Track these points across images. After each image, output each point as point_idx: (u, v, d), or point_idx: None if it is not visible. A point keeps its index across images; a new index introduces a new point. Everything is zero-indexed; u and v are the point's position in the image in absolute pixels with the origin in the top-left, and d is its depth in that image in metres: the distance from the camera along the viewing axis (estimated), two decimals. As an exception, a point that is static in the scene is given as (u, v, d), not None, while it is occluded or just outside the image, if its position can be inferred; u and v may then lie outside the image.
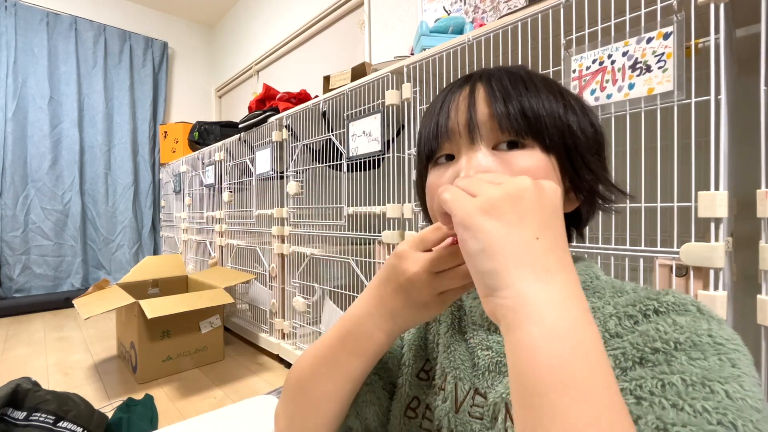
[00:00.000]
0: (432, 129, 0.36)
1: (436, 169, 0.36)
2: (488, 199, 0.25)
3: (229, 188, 2.15)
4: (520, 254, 0.23)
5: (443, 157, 0.36)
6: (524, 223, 0.24)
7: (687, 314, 0.28)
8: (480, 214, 0.24)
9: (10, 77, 2.83)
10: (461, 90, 0.35)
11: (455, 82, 0.38)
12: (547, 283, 0.23)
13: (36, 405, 1.03)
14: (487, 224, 0.24)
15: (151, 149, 3.47)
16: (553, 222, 0.25)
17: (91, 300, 1.63)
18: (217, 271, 2.15)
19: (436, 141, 0.36)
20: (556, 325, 0.21)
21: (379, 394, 0.40)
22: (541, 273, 0.23)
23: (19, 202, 2.85)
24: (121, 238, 3.29)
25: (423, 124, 0.38)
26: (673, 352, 0.26)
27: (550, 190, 0.26)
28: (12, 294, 2.80)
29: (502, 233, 0.24)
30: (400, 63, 1.17)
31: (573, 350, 0.21)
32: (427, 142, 0.37)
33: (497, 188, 0.25)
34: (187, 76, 3.82)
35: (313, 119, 1.59)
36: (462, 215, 0.25)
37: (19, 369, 1.71)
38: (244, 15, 3.38)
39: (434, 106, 0.37)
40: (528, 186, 0.25)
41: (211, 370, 1.71)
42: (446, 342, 0.39)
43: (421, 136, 0.38)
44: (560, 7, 0.83)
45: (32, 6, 2.94)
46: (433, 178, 0.36)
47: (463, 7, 1.63)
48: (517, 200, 0.24)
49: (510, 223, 0.24)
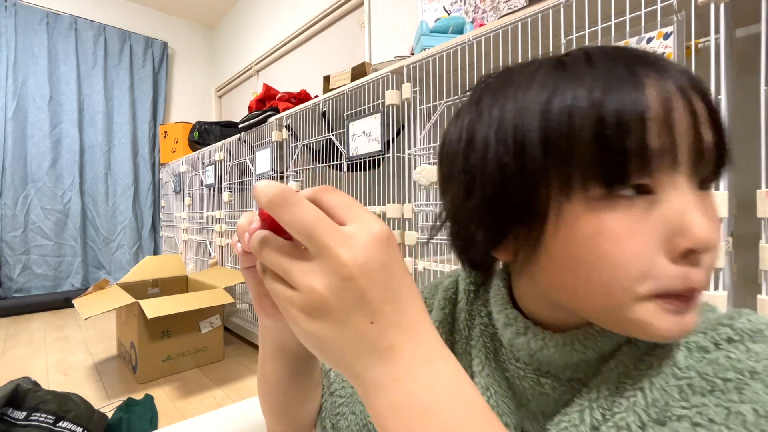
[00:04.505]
0: (614, 141, 0.22)
1: (614, 206, 0.23)
2: (308, 300, 0.21)
3: (229, 188, 2.15)
4: (357, 347, 0.21)
5: (630, 188, 0.23)
6: (354, 314, 0.21)
7: (764, 341, 0.24)
8: (304, 317, 0.21)
9: (10, 77, 2.83)
10: (665, 96, 0.23)
11: (615, 73, 0.23)
12: (390, 361, 0.21)
13: (36, 405, 1.03)
14: (314, 329, 0.21)
15: (151, 149, 3.47)
16: (387, 287, 0.21)
17: (91, 300, 1.63)
18: (217, 271, 2.15)
19: (625, 163, 0.22)
20: (402, 398, 0.21)
21: (355, 408, 0.38)
22: (384, 353, 0.21)
23: (19, 202, 2.85)
24: (121, 238, 3.28)
25: (566, 122, 0.23)
26: (747, 380, 0.23)
27: (381, 245, 0.21)
28: (12, 294, 2.80)
29: (334, 335, 0.21)
30: (400, 63, 1.17)
31: (422, 415, 0.20)
32: (606, 160, 0.23)
33: (317, 280, 0.21)
34: (187, 76, 3.82)
35: (313, 119, 1.59)
36: (284, 313, 0.23)
37: (19, 369, 1.71)
38: (244, 15, 3.38)
39: (594, 106, 0.23)
40: (353, 263, 0.20)
41: (211, 370, 1.71)
42: (485, 383, 0.33)
43: (574, 142, 0.23)
44: (560, 7, 0.83)
45: (32, 6, 2.94)
46: (618, 222, 0.23)
47: (463, 7, 1.63)
48: (342, 292, 0.21)
49: (339, 321, 0.21)
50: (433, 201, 1.08)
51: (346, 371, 0.22)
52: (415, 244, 1.12)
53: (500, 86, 0.28)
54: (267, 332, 0.34)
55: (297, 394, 0.37)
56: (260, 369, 0.37)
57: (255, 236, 0.23)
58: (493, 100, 0.27)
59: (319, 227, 0.21)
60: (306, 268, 0.21)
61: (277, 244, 0.23)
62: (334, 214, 0.22)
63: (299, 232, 0.21)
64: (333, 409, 0.38)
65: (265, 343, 0.35)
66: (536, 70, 0.26)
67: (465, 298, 0.38)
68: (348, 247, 0.20)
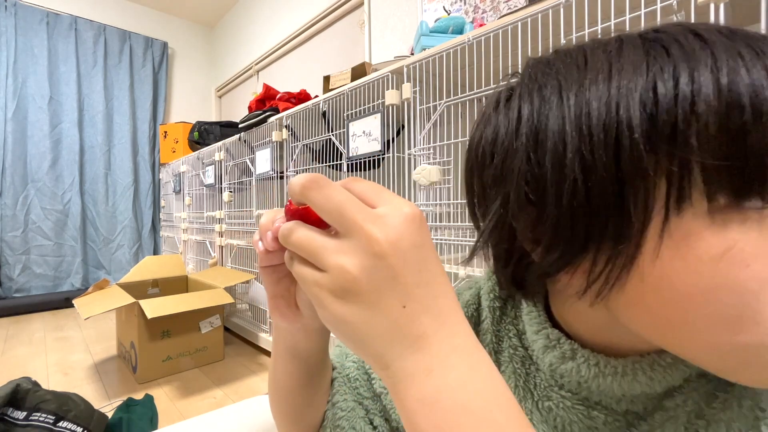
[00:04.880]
0: (755, 134, 0.18)
1: (744, 221, 0.19)
2: (339, 281, 0.20)
3: (229, 188, 2.15)
4: (389, 333, 0.20)
5: (760, 198, 0.19)
6: (386, 296, 0.20)
7: None
8: (333, 300, 0.20)
9: (10, 77, 2.83)
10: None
11: (741, 52, 0.19)
12: (423, 350, 0.20)
13: (36, 405, 1.03)
14: (344, 312, 0.20)
15: (151, 149, 3.47)
16: (420, 269, 0.20)
17: (91, 300, 1.63)
18: (217, 271, 2.15)
19: (765, 165, 0.18)
20: (435, 392, 0.19)
21: (355, 424, 0.36)
22: (416, 341, 0.20)
23: (19, 202, 2.85)
24: (121, 238, 3.28)
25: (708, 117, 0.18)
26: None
27: (413, 225, 0.20)
28: (12, 294, 2.80)
29: (365, 319, 0.20)
30: (400, 63, 1.17)
31: (455, 412, 0.19)
32: (742, 160, 0.18)
33: (348, 260, 0.20)
34: (187, 76, 3.82)
35: (313, 119, 1.59)
36: (312, 297, 0.21)
37: (19, 369, 1.70)
38: (244, 15, 3.38)
39: (725, 91, 0.18)
40: (385, 240, 0.19)
41: (211, 370, 1.70)
42: None
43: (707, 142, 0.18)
44: (560, 7, 0.82)
45: (32, 6, 2.94)
46: (752, 241, 0.18)
47: (463, 7, 1.63)
48: (374, 270, 0.19)
49: (370, 303, 0.20)
50: (432, 201, 1.08)
51: (376, 361, 0.21)
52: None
53: (568, 70, 0.23)
54: (280, 334, 0.33)
55: (307, 399, 0.36)
56: (271, 371, 0.36)
57: (283, 227, 0.23)
58: (564, 86, 0.22)
59: (350, 206, 0.20)
60: (336, 247, 0.20)
61: (306, 229, 0.22)
62: (364, 198, 0.21)
63: (330, 212, 0.21)
64: (334, 421, 0.37)
65: (277, 345, 0.34)
66: (618, 49, 0.22)
67: (490, 316, 0.34)
68: (380, 225, 0.20)
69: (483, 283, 0.36)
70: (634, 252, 0.20)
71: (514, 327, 0.33)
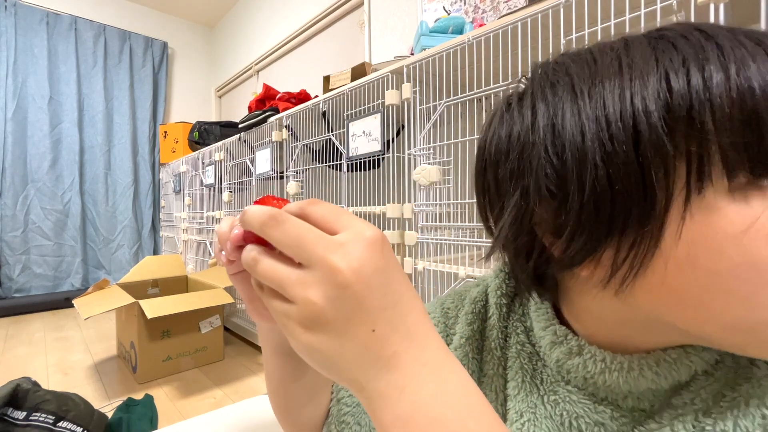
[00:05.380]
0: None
1: (764, 197, 0.19)
2: (306, 312, 0.20)
3: (229, 188, 2.15)
4: (360, 358, 0.20)
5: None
6: (354, 323, 0.20)
7: None
8: (302, 331, 0.20)
9: (10, 77, 2.83)
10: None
11: (744, 45, 0.20)
12: (395, 369, 0.20)
13: (36, 405, 1.03)
14: (314, 342, 0.20)
15: (151, 149, 3.47)
16: (386, 291, 0.20)
17: (91, 300, 1.63)
18: (217, 271, 2.15)
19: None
20: (409, 409, 0.20)
21: (361, 419, 0.36)
22: (388, 362, 0.20)
23: (19, 202, 2.85)
24: (121, 238, 3.28)
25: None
26: None
27: (375, 249, 0.20)
28: (12, 294, 2.80)
29: (335, 346, 0.20)
30: (400, 63, 1.17)
31: (429, 427, 0.19)
32: (758, 138, 0.19)
33: (312, 291, 0.20)
34: (187, 76, 3.82)
35: (313, 119, 1.59)
36: (282, 327, 0.22)
37: (19, 369, 1.70)
38: (244, 15, 3.38)
39: (734, 78, 0.19)
40: (347, 268, 0.19)
41: (211, 370, 1.70)
42: (519, 409, 0.30)
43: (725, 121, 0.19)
44: (560, 7, 0.82)
45: (32, 6, 2.94)
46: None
47: (463, 7, 1.63)
48: (339, 300, 0.20)
49: (339, 332, 0.20)
50: (432, 201, 1.08)
51: (351, 384, 0.21)
52: (415, 244, 1.12)
53: (579, 68, 0.24)
54: (266, 334, 0.34)
55: (300, 394, 0.36)
56: (265, 368, 0.37)
57: (246, 253, 0.23)
58: (576, 83, 0.23)
59: (309, 238, 0.20)
60: (300, 279, 0.20)
61: (270, 259, 0.22)
62: (323, 225, 0.21)
63: (289, 247, 0.21)
64: (339, 417, 0.37)
65: (265, 345, 0.35)
66: (625, 47, 0.23)
67: (497, 313, 0.34)
68: (341, 254, 0.20)
69: (490, 281, 0.36)
70: (657, 235, 0.21)
71: (521, 324, 0.33)
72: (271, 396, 0.38)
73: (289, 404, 0.37)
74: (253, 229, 0.22)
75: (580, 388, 0.28)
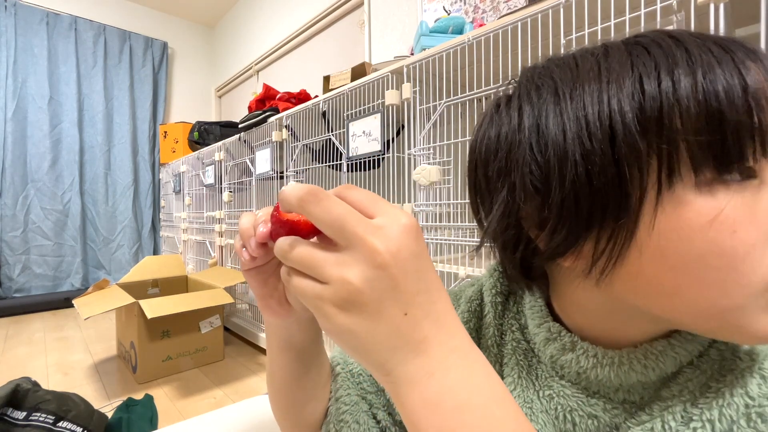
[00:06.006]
0: (731, 116, 0.20)
1: (727, 190, 0.21)
2: (342, 293, 0.20)
3: (229, 188, 2.15)
4: (391, 341, 0.21)
5: (737, 172, 0.21)
6: (388, 305, 0.20)
7: None
8: (336, 312, 0.21)
9: (10, 77, 2.83)
10: (765, 77, 0.21)
11: (712, 50, 0.21)
12: (424, 354, 0.21)
13: (36, 405, 1.03)
14: (347, 323, 0.21)
15: (151, 149, 3.47)
16: (419, 277, 0.21)
17: (91, 300, 1.63)
18: (217, 271, 2.15)
19: (740, 141, 0.20)
20: (437, 393, 0.20)
21: (359, 418, 0.37)
22: (418, 346, 0.21)
23: (19, 202, 2.85)
24: (121, 238, 3.28)
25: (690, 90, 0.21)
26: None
27: (411, 235, 0.21)
28: (12, 294, 2.80)
29: (368, 328, 0.21)
30: (400, 63, 1.17)
31: (457, 411, 0.20)
32: (721, 137, 0.20)
33: (350, 271, 0.20)
34: (187, 76, 3.82)
35: (313, 119, 1.59)
36: (314, 309, 0.22)
37: (19, 369, 1.70)
38: (244, 15, 3.38)
39: (701, 83, 0.21)
40: (386, 251, 0.20)
41: (211, 370, 1.70)
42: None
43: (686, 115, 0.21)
44: (560, 7, 0.82)
45: (32, 6, 2.94)
46: (736, 209, 0.21)
47: (463, 7, 1.63)
48: (376, 281, 0.20)
49: (373, 313, 0.20)
50: (432, 201, 1.08)
51: (379, 368, 0.22)
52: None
53: (562, 71, 0.25)
54: (273, 330, 0.34)
55: (303, 393, 0.36)
56: (268, 367, 0.37)
57: (280, 242, 0.23)
58: (559, 85, 0.25)
59: (350, 219, 0.21)
60: (338, 260, 0.21)
61: (305, 245, 0.22)
62: (360, 208, 0.22)
63: (330, 225, 0.21)
64: (337, 416, 0.37)
65: (271, 341, 0.35)
66: (605, 53, 0.24)
67: (492, 311, 0.35)
68: (380, 236, 0.20)
69: (485, 280, 0.37)
70: (633, 227, 0.22)
71: (516, 321, 0.34)
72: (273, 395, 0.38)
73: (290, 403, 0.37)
74: (291, 205, 0.22)
75: (573, 382, 0.29)
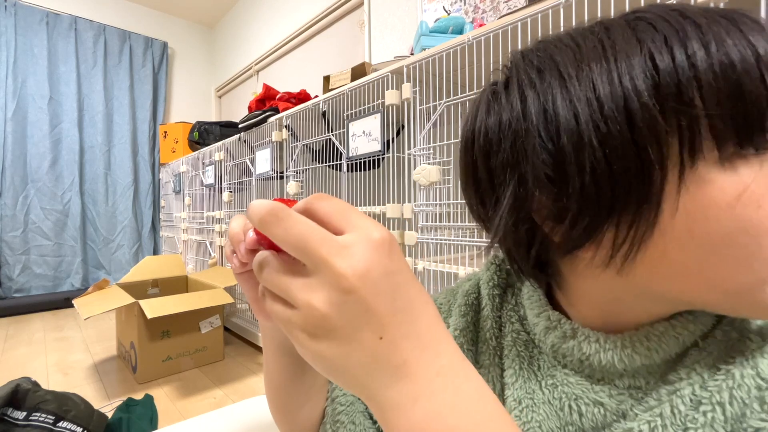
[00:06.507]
0: (752, 89, 0.20)
1: (749, 166, 0.21)
2: (310, 319, 0.19)
3: (229, 188, 2.15)
4: (368, 366, 0.19)
5: (758, 143, 0.21)
6: (360, 330, 0.19)
7: None
8: (306, 338, 0.20)
9: (9, 77, 2.83)
10: (755, 36, 0.20)
11: (720, 23, 0.21)
12: (406, 378, 0.19)
13: (36, 405, 1.03)
14: (319, 349, 0.19)
15: (151, 149, 3.47)
16: (395, 297, 0.19)
17: (91, 300, 1.62)
18: (217, 271, 2.15)
19: (760, 112, 0.20)
20: (423, 419, 0.19)
21: (355, 418, 0.36)
22: (398, 370, 0.19)
23: (19, 202, 2.85)
24: (121, 238, 3.28)
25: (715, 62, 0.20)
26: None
27: (382, 251, 0.19)
28: (12, 294, 2.80)
29: (341, 353, 0.19)
30: (400, 63, 1.17)
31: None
32: (744, 111, 0.20)
33: (315, 296, 0.19)
34: (187, 76, 3.82)
35: (313, 119, 1.59)
36: (287, 333, 0.21)
37: (19, 369, 1.70)
38: (244, 15, 3.38)
39: (714, 56, 0.20)
40: (352, 274, 0.18)
41: (211, 370, 1.70)
42: (518, 396, 0.30)
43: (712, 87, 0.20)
44: (560, 7, 0.82)
45: (32, 6, 2.94)
46: (760, 184, 0.20)
47: (463, 7, 1.63)
48: (344, 306, 0.19)
49: (344, 338, 0.19)
50: (432, 201, 1.08)
51: (361, 393, 0.21)
52: (415, 244, 1.12)
53: (562, 52, 0.24)
54: (268, 333, 0.34)
55: (299, 394, 0.36)
56: (265, 369, 0.37)
57: (255, 260, 0.22)
58: (562, 67, 0.23)
59: (313, 239, 0.19)
60: (304, 284, 0.19)
61: (275, 264, 0.21)
62: (329, 222, 0.20)
63: (294, 247, 0.19)
64: (334, 416, 0.37)
65: (267, 343, 0.35)
66: (606, 30, 0.23)
67: (490, 304, 0.34)
68: (345, 257, 0.19)
69: (482, 274, 0.37)
70: (656, 210, 0.22)
71: (515, 313, 0.34)
72: (270, 396, 0.38)
73: (287, 404, 0.37)
74: (254, 224, 0.21)
75: (576, 370, 0.29)
